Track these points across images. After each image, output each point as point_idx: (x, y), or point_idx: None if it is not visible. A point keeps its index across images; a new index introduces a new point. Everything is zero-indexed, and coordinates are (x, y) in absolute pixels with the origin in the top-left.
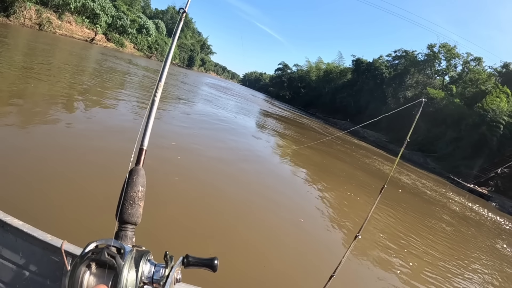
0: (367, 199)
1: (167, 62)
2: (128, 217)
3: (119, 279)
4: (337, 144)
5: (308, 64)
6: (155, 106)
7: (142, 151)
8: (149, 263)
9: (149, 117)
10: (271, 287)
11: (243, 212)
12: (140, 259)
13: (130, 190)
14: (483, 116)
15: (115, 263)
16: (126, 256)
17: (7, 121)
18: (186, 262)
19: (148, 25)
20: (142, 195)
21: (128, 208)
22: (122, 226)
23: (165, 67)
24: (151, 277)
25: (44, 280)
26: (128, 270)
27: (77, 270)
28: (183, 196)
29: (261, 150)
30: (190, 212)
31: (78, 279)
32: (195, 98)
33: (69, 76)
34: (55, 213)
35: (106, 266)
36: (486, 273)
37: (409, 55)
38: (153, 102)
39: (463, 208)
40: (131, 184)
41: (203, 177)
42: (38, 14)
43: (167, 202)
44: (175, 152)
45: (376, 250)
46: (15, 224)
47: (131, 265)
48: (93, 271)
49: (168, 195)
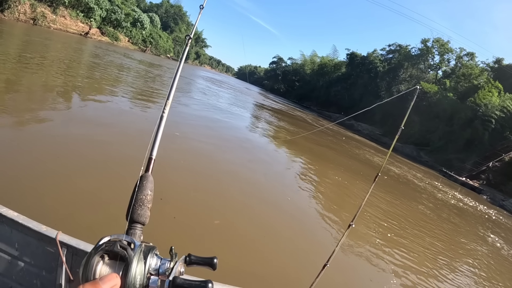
0: (359, 185)
1: (174, 81)
2: (137, 217)
3: (129, 268)
4: (330, 136)
5: (303, 57)
6: (163, 121)
7: (151, 160)
8: (156, 256)
9: (158, 130)
10: (264, 276)
11: (234, 201)
12: (148, 253)
13: (140, 193)
14: (476, 110)
15: (126, 254)
16: (136, 249)
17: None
18: (188, 260)
19: (143, 19)
20: (150, 198)
21: (138, 209)
22: (132, 225)
23: (172, 86)
24: (157, 269)
25: (40, 270)
26: (137, 262)
27: (92, 259)
28: (184, 188)
29: (255, 140)
30: (188, 206)
31: (92, 268)
32: (192, 91)
33: (73, 69)
34: (60, 208)
35: (117, 258)
36: (470, 255)
37: (403, 49)
38: (161, 117)
39: (456, 200)
40: (141, 188)
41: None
42: (32, 9)
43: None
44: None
45: (368, 237)
46: (10, 215)
47: (140, 257)
48: (106, 261)
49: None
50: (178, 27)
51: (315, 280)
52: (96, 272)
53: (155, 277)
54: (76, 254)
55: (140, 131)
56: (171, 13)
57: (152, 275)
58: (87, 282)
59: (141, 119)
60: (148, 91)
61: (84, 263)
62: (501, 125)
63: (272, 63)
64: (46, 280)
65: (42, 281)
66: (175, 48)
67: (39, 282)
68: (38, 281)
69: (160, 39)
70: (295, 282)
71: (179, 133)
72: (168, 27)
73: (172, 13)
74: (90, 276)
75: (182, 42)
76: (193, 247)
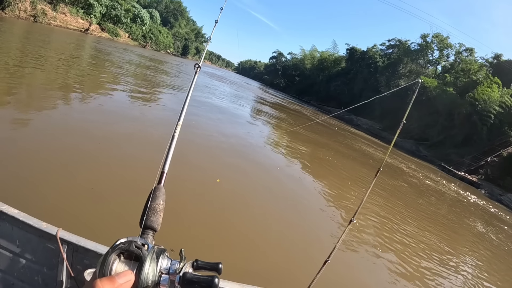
0: (358, 180)
1: (185, 105)
2: (150, 224)
3: (143, 266)
4: (331, 131)
5: (303, 52)
6: (175, 140)
7: (163, 174)
8: (167, 258)
9: (170, 148)
10: (265, 273)
11: (234, 195)
12: (160, 254)
13: (153, 202)
14: (475, 105)
15: (141, 253)
16: (149, 250)
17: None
18: (195, 265)
19: (143, 15)
20: (162, 207)
21: (151, 216)
22: (145, 231)
23: (183, 109)
24: (168, 269)
25: (41, 267)
26: (150, 261)
27: (109, 257)
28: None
29: (254, 133)
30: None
31: (109, 265)
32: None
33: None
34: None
35: (132, 258)
36: (467, 245)
37: (403, 44)
38: (173, 136)
39: (456, 195)
40: (154, 198)
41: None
42: (33, 6)
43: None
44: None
45: (369, 232)
46: (10, 212)
47: (153, 257)
48: (121, 260)
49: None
50: (178, 22)
51: (316, 277)
52: (112, 269)
53: (166, 275)
54: (77, 251)
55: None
56: (171, 9)
57: (163, 274)
58: (104, 277)
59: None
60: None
61: (101, 261)
62: (500, 120)
63: (272, 58)
64: (47, 276)
65: (43, 277)
66: (175, 44)
67: (40, 279)
68: (40, 278)
69: (160, 34)
70: (296, 278)
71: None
72: (168, 23)
73: (172, 9)
74: (106, 272)
75: (182, 37)
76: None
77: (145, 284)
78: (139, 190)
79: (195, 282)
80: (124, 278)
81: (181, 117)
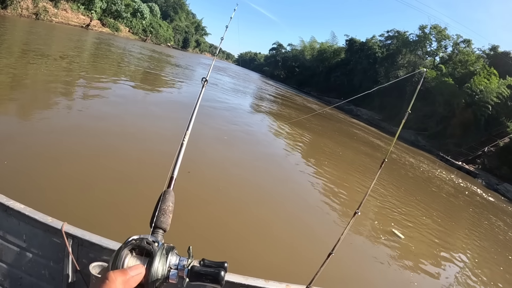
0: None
1: (193, 116)
2: (160, 224)
3: (153, 261)
4: (332, 121)
5: (302, 43)
6: (183, 148)
7: (172, 178)
8: (175, 255)
9: (179, 155)
10: (270, 266)
11: (236, 183)
12: (169, 251)
13: (163, 204)
14: (472, 96)
15: (151, 249)
16: (160, 247)
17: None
18: (202, 264)
19: (142, 9)
20: (171, 209)
21: (161, 217)
22: (155, 230)
23: (191, 120)
24: (176, 264)
25: (47, 261)
26: (160, 257)
27: (122, 252)
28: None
29: (255, 123)
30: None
31: (121, 259)
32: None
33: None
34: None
35: (143, 253)
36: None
37: (401, 35)
38: (182, 145)
39: (453, 184)
40: (164, 200)
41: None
42: (34, 4)
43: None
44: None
45: (373, 224)
46: (17, 207)
47: (163, 253)
48: (133, 255)
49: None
50: (178, 16)
51: (320, 269)
52: (124, 263)
53: (175, 270)
54: (82, 245)
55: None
56: (171, 2)
57: (172, 269)
58: (117, 269)
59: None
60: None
61: (114, 255)
62: (497, 111)
63: (272, 50)
64: (54, 270)
65: (50, 271)
66: (175, 37)
67: (47, 272)
68: (46, 272)
69: (160, 28)
70: (300, 271)
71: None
72: (167, 16)
73: (172, 2)
74: (119, 266)
75: (182, 30)
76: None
77: (155, 278)
78: (149, 191)
79: (202, 275)
80: (136, 271)
81: (189, 127)
